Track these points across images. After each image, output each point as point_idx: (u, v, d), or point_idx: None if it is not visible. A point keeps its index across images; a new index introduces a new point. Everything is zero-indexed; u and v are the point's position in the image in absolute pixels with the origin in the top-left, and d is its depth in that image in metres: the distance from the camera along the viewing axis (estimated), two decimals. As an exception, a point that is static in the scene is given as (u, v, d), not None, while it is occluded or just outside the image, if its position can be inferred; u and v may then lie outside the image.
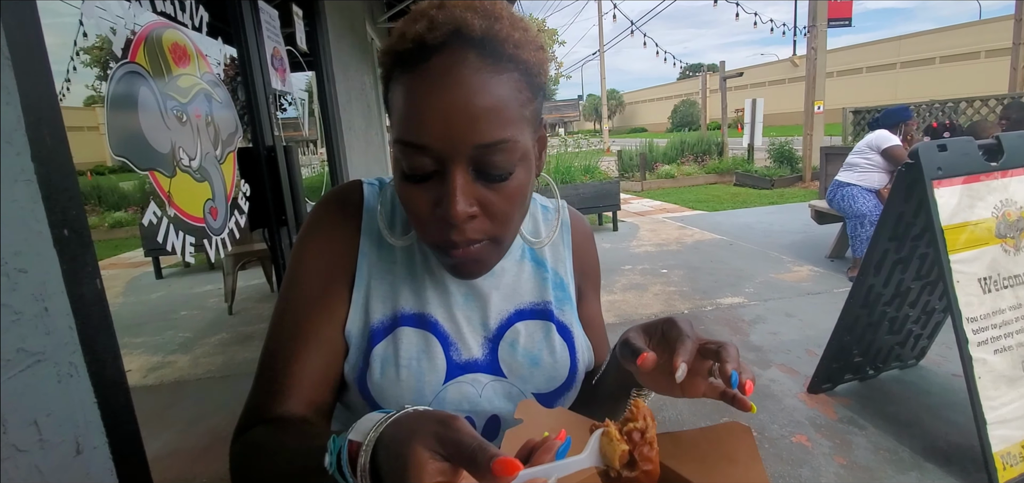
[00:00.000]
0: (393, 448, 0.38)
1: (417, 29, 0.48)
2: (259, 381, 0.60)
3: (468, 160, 0.48)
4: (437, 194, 0.50)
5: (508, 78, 0.49)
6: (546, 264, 0.68)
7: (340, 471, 0.41)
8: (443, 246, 0.53)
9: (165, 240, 1.12)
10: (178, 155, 1.17)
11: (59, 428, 0.82)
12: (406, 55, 0.48)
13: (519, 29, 0.50)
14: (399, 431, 0.39)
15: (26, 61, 0.73)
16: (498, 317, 0.64)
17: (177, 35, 1.19)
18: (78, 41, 2.09)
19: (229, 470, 0.57)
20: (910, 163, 1.88)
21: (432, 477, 0.35)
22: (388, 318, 0.61)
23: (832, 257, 4.43)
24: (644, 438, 0.44)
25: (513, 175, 0.51)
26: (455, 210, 0.48)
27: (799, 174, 9.46)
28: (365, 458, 0.40)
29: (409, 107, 0.48)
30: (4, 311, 0.72)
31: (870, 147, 3.82)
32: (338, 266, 0.61)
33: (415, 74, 0.48)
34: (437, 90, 0.46)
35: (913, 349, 2.47)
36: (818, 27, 9.00)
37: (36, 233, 0.76)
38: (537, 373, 0.64)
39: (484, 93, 0.47)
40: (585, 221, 0.76)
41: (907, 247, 2.02)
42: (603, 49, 20.70)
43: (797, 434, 2.09)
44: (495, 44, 0.48)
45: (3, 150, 0.69)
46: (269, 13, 1.90)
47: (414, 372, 0.59)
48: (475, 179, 0.50)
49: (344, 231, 0.62)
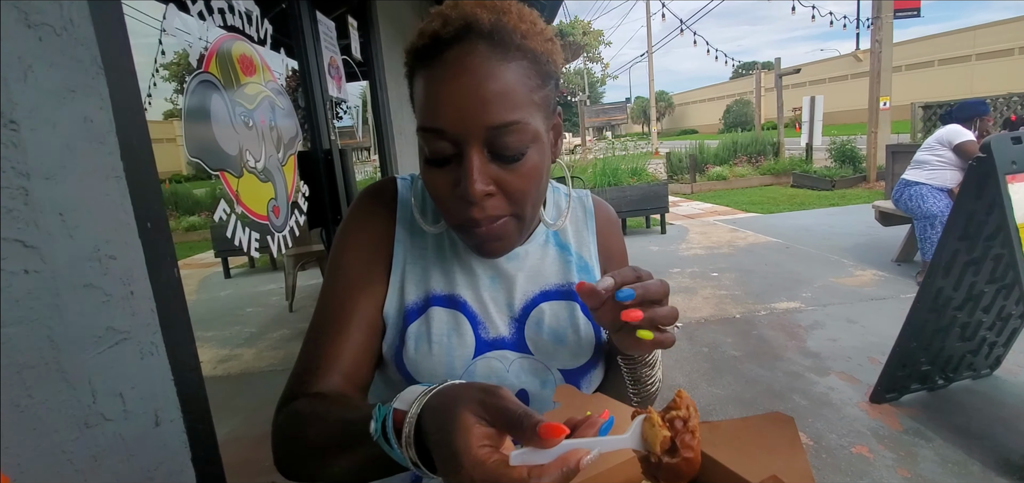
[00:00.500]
0: (439, 414, 0.40)
1: (433, 26, 0.53)
2: (303, 357, 0.64)
3: (483, 142, 0.52)
4: (456, 175, 0.54)
5: (517, 65, 0.53)
6: (570, 248, 0.72)
7: (385, 438, 0.44)
8: (466, 225, 0.57)
9: (233, 236, 1.22)
10: (245, 157, 1.27)
11: (140, 401, 0.91)
12: (423, 50, 0.53)
13: (526, 21, 0.55)
14: (445, 399, 0.41)
15: (116, 71, 0.82)
16: (523, 297, 0.67)
17: (245, 47, 1.29)
18: (157, 59, 2.30)
19: (272, 440, 0.60)
20: (982, 157, 1.76)
21: (479, 440, 0.37)
22: (421, 299, 0.65)
23: (899, 261, 4.17)
24: (686, 426, 0.45)
25: (526, 156, 0.55)
26: (473, 188, 0.52)
27: (863, 174, 8.92)
28: (410, 426, 0.42)
29: (427, 96, 0.53)
30: (97, 293, 0.82)
31: (941, 143, 3.57)
32: (376, 253, 0.66)
33: (431, 66, 0.52)
34: (451, 78, 0.51)
35: (987, 358, 2.29)
36: (883, 19, 8.48)
37: (124, 224, 0.85)
38: (562, 351, 0.66)
39: (494, 79, 0.51)
40: (610, 209, 0.78)
41: (979, 247, 1.89)
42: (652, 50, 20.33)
43: (857, 445, 1.98)
44: (503, 35, 0.52)
45: (98, 150, 0.79)
46: (327, 25, 2.02)
47: (445, 348, 0.63)
48: (491, 160, 0.54)
49: (381, 221, 0.67)
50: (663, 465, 0.42)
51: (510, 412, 0.38)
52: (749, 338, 3.04)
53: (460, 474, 0.37)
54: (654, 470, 0.43)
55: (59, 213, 0.72)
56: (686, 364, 2.79)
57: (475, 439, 0.37)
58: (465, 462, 0.37)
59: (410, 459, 0.42)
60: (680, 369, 2.74)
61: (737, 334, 3.11)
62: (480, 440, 0.37)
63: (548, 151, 0.59)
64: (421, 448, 0.42)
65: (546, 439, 0.36)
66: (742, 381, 2.54)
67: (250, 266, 6.37)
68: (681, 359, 2.86)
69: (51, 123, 0.71)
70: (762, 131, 13.16)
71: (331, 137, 2.01)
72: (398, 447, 0.43)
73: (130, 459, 0.88)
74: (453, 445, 0.38)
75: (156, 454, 0.94)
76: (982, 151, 1.77)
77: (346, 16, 2.48)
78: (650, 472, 0.44)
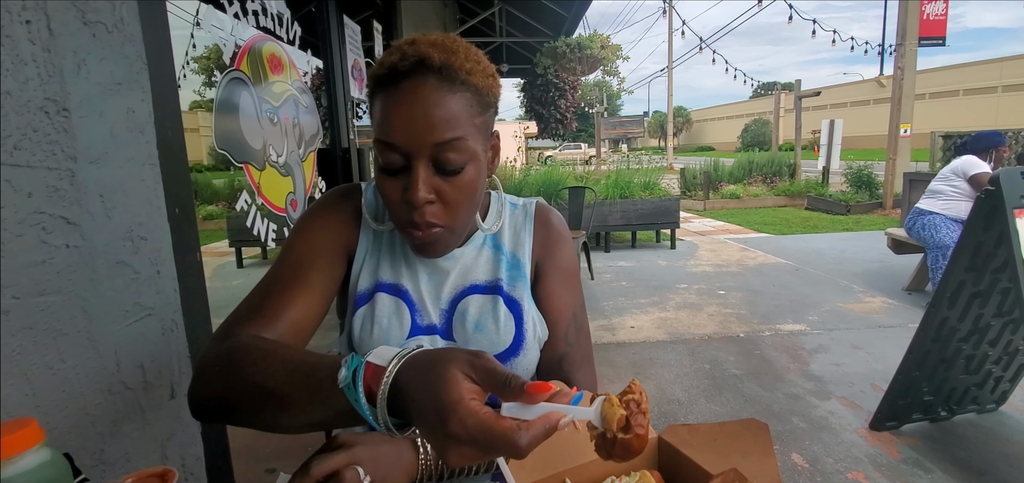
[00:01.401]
0: (426, 370, 0.42)
1: (392, 59, 0.62)
2: (251, 299, 0.67)
3: (428, 157, 0.62)
4: (404, 183, 0.63)
5: (460, 96, 0.63)
6: (503, 248, 0.79)
7: (355, 388, 0.44)
8: (408, 227, 0.66)
9: (252, 225, 1.28)
10: (268, 152, 1.33)
11: (160, 374, 0.97)
12: (383, 78, 0.62)
13: (471, 60, 0.64)
14: (430, 356, 0.43)
15: (158, 66, 0.89)
16: (453, 290, 0.76)
17: (275, 47, 1.36)
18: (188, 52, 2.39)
19: (196, 369, 0.58)
20: (990, 190, 1.77)
21: (470, 395, 0.40)
22: (370, 287, 0.74)
23: (910, 290, 4.13)
24: (639, 408, 0.49)
25: (464, 171, 0.64)
26: (417, 195, 0.62)
27: (879, 200, 8.83)
28: (388, 380, 0.43)
29: (384, 115, 0.62)
30: (128, 270, 0.88)
31: (956, 173, 3.55)
32: (339, 239, 0.74)
33: (388, 92, 0.62)
34: (405, 103, 0.61)
35: (993, 392, 2.27)
36: (907, 45, 8.42)
37: (156, 208, 0.92)
38: (481, 339, 0.74)
39: (440, 106, 0.61)
40: (555, 215, 0.84)
41: (986, 280, 1.89)
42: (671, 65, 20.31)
43: (854, 470, 1.99)
44: (450, 71, 0.62)
45: (137, 139, 0.85)
46: (352, 28, 2.09)
47: (385, 329, 0.72)
48: (434, 173, 0.63)
49: (348, 215, 0.76)
50: (618, 440, 0.46)
51: (497, 372, 0.42)
52: (751, 357, 3.04)
53: (447, 426, 0.39)
54: (609, 446, 0.47)
55: (100, 195, 0.79)
56: (686, 380, 2.80)
57: (466, 393, 0.40)
58: (458, 411, 0.39)
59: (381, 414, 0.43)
60: (679, 384, 2.75)
61: (740, 353, 3.11)
62: (470, 394, 0.40)
63: (484, 168, 0.69)
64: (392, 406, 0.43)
65: (534, 394, 0.40)
66: (741, 400, 2.55)
67: (262, 257, 6.49)
68: (681, 374, 2.87)
69: (98, 112, 0.77)
70: (779, 152, 13.06)
71: (350, 136, 2.08)
72: (366, 402, 0.43)
73: (146, 427, 0.94)
74: (442, 397, 0.40)
75: (170, 425, 0.99)
76: (991, 184, 1.78)
77: (371, 20, 2.56)
78: (604, 448, 0.47)
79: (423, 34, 0.65)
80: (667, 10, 16.81)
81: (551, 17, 7.20)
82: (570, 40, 8.29)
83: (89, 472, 0.72)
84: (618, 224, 6.18)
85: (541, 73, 9.91)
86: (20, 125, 0.67)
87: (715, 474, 0.57)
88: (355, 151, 2.11)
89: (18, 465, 0.42)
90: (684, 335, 3.43)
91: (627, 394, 0.49)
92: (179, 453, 1.01)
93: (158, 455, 0.95)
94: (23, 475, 0.42)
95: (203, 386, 0.56)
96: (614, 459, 0.47)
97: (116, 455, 0.85)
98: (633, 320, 3.77)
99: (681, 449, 0.64)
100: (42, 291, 0.72)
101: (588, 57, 8.39)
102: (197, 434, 1.07)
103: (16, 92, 0.67)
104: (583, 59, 8.41)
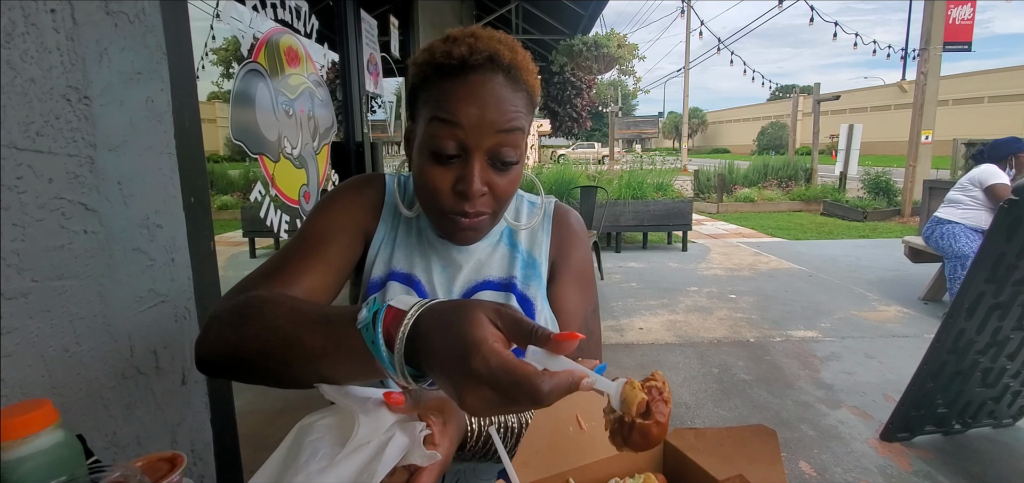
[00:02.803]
0: (450, 314, 0.41)
1: (461, 51, 0.63)
2: (269, 264, 0.67)
3: (486, 150, 0.64)
4: (458, 174, 0.65)
5: (521, 96, 0.66)
6: (519, 246, 0.80)
7: (374, 329, 0.43)
8: (453, 215, 0.67)
9: (266, 216, 1.30)
10: (283, 144, 1.35)
11: (172, 360, 0.98)
12: (449, 68, 0.63)
13: (528, 62, 0.68)
14: (455, 304, 0.43)
15: (177, 57, 0.90)
16: (465, 284, 0.77)
17: (292, 40, 1.38)
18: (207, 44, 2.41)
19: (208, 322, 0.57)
20: (1014, 200, 1.73)
21: (494, 336, 0.39)
22: (383, 274, 0.75)
23: (926, 300, 4.06)
24: (661, 395, 0.46)
25: (515, 166, 0.67)
26: (473, 187, 0.64)
27: (897, 208, 8.68)
28: (408, 321, 0.43)
29: (450, 100, 0.63)
30: (143, 257, 0.89)
31: (974, 183, 3.47)
32: (359, 222, 0.75)
33: (454, 82, 0.63)
34: (475, 97, 0.63)
35: (1010, 407, 2.22)
36: (932, 50, 8.25)
37: (172, 197, 0.93)
38: None
39: (506, 103, 0.64)
40: (574, 216, 0.85)
41: (1007, 292, 1.85)
42: (688, 66, 20.14)
43: (863, 481, 1.96)
44: (515, 70, 0.65)
45: (156, 128, 0.86)
46: (369, 23, 2.10)
47: None
48: (488, 166, 0.66)
49: (369, 201, 0.77)
50: (636, 426, 0.44)
51: (523, 322, 0.41)
52: (762, 363, 3.01)
53: (470, 363, 0.38)
54: (626, 432, 0.45)
55: (118, 182, 0.80)
56: (694, 383, 2.79)
57: (490, 334, 0.39)
58: (482, 349, 0.38)
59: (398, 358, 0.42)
60: (687, 388, 2.73)
61: (750, 358, 3.09)
62: (496, 340, 0.39)
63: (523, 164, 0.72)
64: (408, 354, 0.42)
65: (560, 342, 0.40)
66: (750, 405, 2.53)
67: (275, 247, 6.56)
68: (689, 378, 2.85)
69: (119, 101, 0.78)
70: (796, 156, 12.89)
71: (364, 130, 2.09)
72: (384, 345, 0.43)
73: (158, 412, 0.95)
74: (467, 335, 0.39)
75: (181, 410, 1.01)
76: (1014, 194, 1.74)
77: (388, 14, 2.57)
78: (620, 434, 0.45)
79: (479, 28, 0.67)
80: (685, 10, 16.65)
81: (568, 15, 7.16)
82: (587, 38, 8.24)
83: (101, 454, 0.74)
84: (630, 225, 6.15)
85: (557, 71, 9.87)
86: (43, 112, 0.69)
87: (721, 479, 0.57)
88: (369, 145, 2.13)
89: (33, 445, 0.43)
90: (693, 338, 3.41)
91: (649, 381, 0.47)
92: (189, 438, 1.03)
93: (168, 440, 0.97)
94: (37, 454, 0.43)
95: (214, 336, 0.55)
96: (629, 447, 0.45)
97: (128, 438, 0.87)
98: (642, 321, 3.75)
99: (687, 453, 0.63)
100: (60, 275, 0.73)
101: (604, 56, 8.33)
102: (207, 421, 1.08)
103: (40, 79, 0.68)
104: (599, 58, 8.36)
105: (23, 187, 0.67)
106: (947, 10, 8.48)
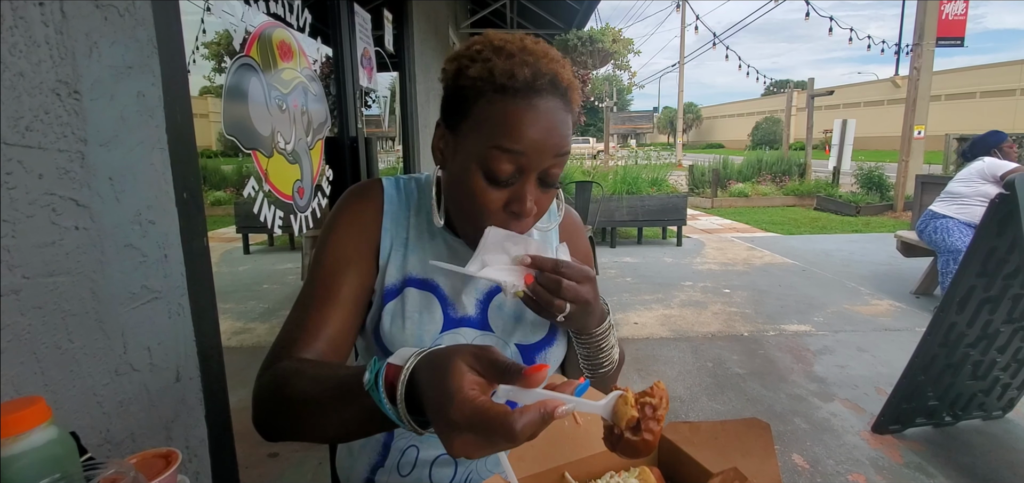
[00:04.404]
0: (434, 364, 0.45)
1: (524, 74, 0.63)
2: (288, 325, 0.70)
3: (540, 172, 0.66)
4: (512, 195, 0.66)
5: (569, 117, 0.68)
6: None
7: (377, 388, 0.47)
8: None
9: (259, 212, 1.29)
10: (276, 139, 1.34)
11: (165, 356, 0.98)
12: (512, 89, 0.63)
13: (576, 81, 0.70)
14: (440, 352, 0.46)
15: (168, 51, 0.89)
16: (487, 283, 0.77)
17: (285, 34, 1.36)
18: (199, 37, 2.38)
19: (253, 400, 0.64)
20: (1006, 194, 1.75)
21: (470, 385, 0.42)
22: (399, 281, 0.75)
23: (918, 294, 4.10)
24: (654, 414, 0.48)
25: (556, 185, 0.69)
26: (527, 207, 0.66)
27: (889, 203, 8.74)
28: (405, 376, 0.46)
29: (511, 127, 0.63)
30: (136, 253, 0.89)
31: (983, 177, 3.45)
32: (364, 238, 0.75)
33: (521, 106, 0.63)
34: (541, 122, 0.64)
35: (1000, 399, 2.25)
36: (925, 45, 8.29)
37: (164, 193, 0.92)
38: (519, 328, 0.77)
39: (563, 126, 0.66)
40: (574, 214, 0.90)
41: (998, 285, 1.87)
42: (683, 61, 20.15)
43: (855, 473, 1.98)
44: (569, 93, 0.67)
45: (147, 122, 0.86)
46: (363, 16, 2.09)
47: (417, 323, 0.73)
48: (536, 184, 0.67)
49: (370, 213, 0.76)
50: (624, 439, 0.47)
51: (500, 362, 0.43)
52: (755, 357, 3.04)
53: (448, 413, 0.41)
54: (614, 441, 0.47)
55: (109, 177, 0.79)
56: (688, 377, 2.80)
57: (467, 382, 0.42)
58: (456, 399, 0.41)
59: (401, 410, 0.46)
60: (682, 382, 2.75)
61: (743, 352, 3.11)
62: (471, 384, 0.42)
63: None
64: (411, 403, 0.46)
65: (530, 376, 0.41)
66: (743, 399, 2.55)
67: (269, 244, 6.53)
68: (684, 372, 2.87)
69: (109, 95, 0.78)
70: (790, 151, 12.94)
71: (358, 125, 2.08)
72: (387, 399, 0.46)
73: (152, 409, 0.95)
74: (444, 386, 0.42)
75: (175, 407, 1.01)
76: (1006, 188, 1.76)
77: (382, 8, 2.55)
78: (611, 441, 0.48)
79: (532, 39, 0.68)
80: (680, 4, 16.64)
81: (563, 10, 7.14)
82: (582, 33, 8.23)
83: (95, 451, 0.73)
84: (624, 220, 6.17)
85: (551, 66, 9.83)
86: (32, 107, 0.68)
87: (715, 473, 0.57)
88: (363, 140, 2.12)
89: (26, 442, 0.43)
90: (688, 333, 3.43)
91: (646, 396, 0.48)
92: (183, 435, 1.02)
93: (163, 436, 0.96)
94: (30, 452, 0.43)
95: (259, 413, 0.64)
96: (618, 454, 0.48)
97: (122, 435, 0.87)
98: (637, 316, 3.77)
99: (682, 446, 0.64)
100: (52, 272, 0.73)
101: (599, 50, 8.33)
102: (201, 417, 1.08)
103: (29, 73, 0.67)
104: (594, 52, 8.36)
105: (13, 183, 0.66)
106: (940, 6, 8.52)
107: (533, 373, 0.41)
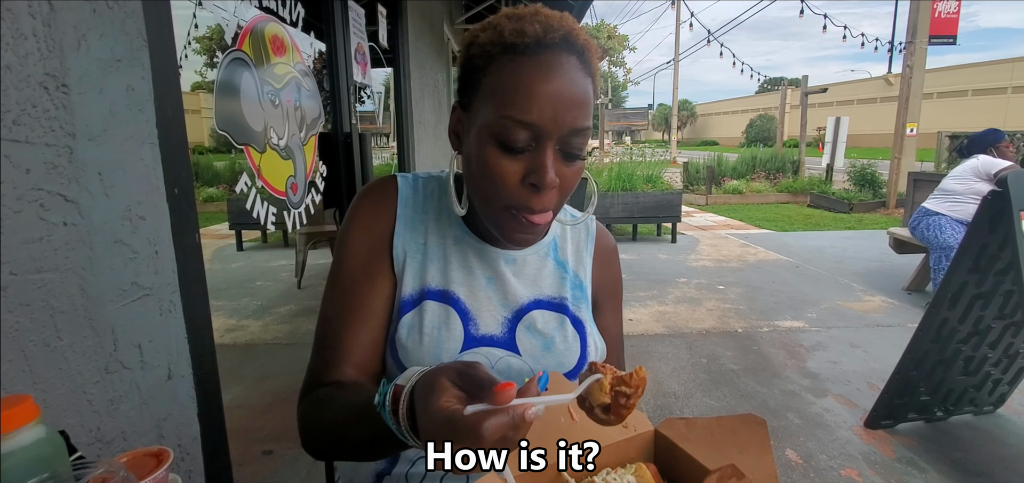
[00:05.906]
0: (424, 381, 0.47)
1: (535, 29, 0.58)
2: (317, 353, 0.70)
3: (558, 139, 0.59)
4: (529, 166, 0.59)
5: (590, 82, 0.61)
6: (567, 266, 0.77)
7: (384, 408, 0.50)
8: (519, 210, 0.61)
9: (252, 208, 1.27)
10: (269, 134, 1.32)
11: (157, 354, 0.97)
12: (521, 46, 0.58)
13: (597, 49, 0.64)
14: (432, 370, 0.48)
15: (158, 44, 0.88)
16: (518, 300, 0.72)
17: (277, 28, 1.35)
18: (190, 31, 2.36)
19: (298, 426, 0.68)
20: (998, 191, 1.76)
21: (448, 399, 0.44)
22: (416, 292, 0.70)
23: (910, 290, 4.13)
24: (626, 403, 0.51)
25: (581, 158, 0.62)
26: (548, 177, 0.58)
27: (882, 200, 8.80)
28: (406, 395, 0.49)
29: (522, 88, 0.57)
30: (126, 250, 0.87)
31: (978, 175, 3.48)
32: (378, 247, 0.71)
33: (525, 63, 0.57)
34: (552, 79, 0.57)
35: (991, 395, 2.27)
36: (917, 44, 8.34)
37: (155, 188, 0.91)
38: (549, 356, 0.71)
39: (581, 88, 0.59)
40: (610, 238, 0.83)
41: (989, 282, 1.88)
42: (678, 58, 20.17)
43: (847, 468, 2.00)
44: (587, 54, 0.61)
45: (137, 117, 0.84)
46: (357, 11, 2.07)
47: (435, 339, 0.68)
48: (558, 156, 0.60)
49: (383, 219, 0.72)
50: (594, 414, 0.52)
51: (479, 378, 0.45)
52: (749, 353, 3.05)
53: (429, 424, 0.44)
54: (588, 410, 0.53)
55: (98, 172, 0.78)
56: (683, 373, 2.81)
57: (445, 398, 0.43)
58: (430, 410, 0.43)
59: (403, 427, 0.48)
60: (676, 378, 2.76)
61: (737, 348, 3.12)
62: (449, 399, 0.43)
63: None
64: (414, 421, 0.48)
65: (497, 392, 0.42)
66: (738, 395, 2.56)
67: (262, 241, 6.49)
68: (678, 368, 2.88)
69: (98, 89, 0.76)
70: (784, 148, 13.00)
71: (352, 121, 2.06)
72: (392, 418, 0.49)
73: (143, 407, 0.94)
74: (425, 401, 0.45)
75: (167, 405, 0.99)
76: (998, 185, 1.77)
77: (376, 3, 2.53)
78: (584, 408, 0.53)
79: (542, 6, 0.62)
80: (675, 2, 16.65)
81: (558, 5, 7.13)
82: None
83: (85, 450, 0.73)
84: (619, 216, 6.17)
85: (546, 62, 9.82)
86: (19, 100, 0.67)
87: (712, 469, 0.57)
88: (357, 136, 2.10)
89: (14, 441, 0.42)
90: (682, 329, 3.44)
91: (622, 385, 0.50)
92: (175, 433, 1.01)
93: (155, 435, 0.95)
94: (19, 451, 0.42)
95: (304, 439, 0.67)
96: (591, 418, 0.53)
97: (113, 433, 0.86)
98: (632, 313, 3.78)
99: (678, 443, 0.64)
100: (40, 268, 0.71)
101: (594, 47, 8.33)
102: (194, 415, 1.07)
103: (16, 66, 0.66)
104: (589, 49, 8.35)
105: (1, 178, 0.65)
106: (933, 4, 8.57)
107: (501, 391, 0.42)
